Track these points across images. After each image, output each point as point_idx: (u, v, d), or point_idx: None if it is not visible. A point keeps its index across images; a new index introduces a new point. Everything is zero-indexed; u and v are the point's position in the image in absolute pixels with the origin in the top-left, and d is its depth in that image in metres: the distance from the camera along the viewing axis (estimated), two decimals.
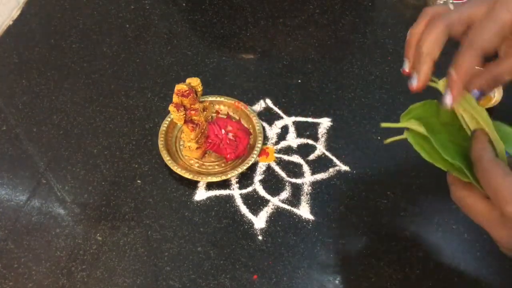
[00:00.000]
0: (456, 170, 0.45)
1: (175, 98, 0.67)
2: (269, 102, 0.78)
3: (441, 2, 0.81)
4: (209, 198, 0.68)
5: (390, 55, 0.83)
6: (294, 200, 0.68)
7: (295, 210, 0.67)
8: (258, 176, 0.70)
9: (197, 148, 0.70)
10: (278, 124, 0.75)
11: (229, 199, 0.68)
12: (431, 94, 0.50)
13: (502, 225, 0.40)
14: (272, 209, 0.67)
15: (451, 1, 0.75)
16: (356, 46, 0.85)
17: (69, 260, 0.63)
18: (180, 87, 0.67)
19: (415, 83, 0.47)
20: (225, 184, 0.69)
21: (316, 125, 0.75)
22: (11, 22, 0.89)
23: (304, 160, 0.71)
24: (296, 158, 0.72)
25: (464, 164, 0.44)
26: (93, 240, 0.64)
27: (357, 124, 0.75)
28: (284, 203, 0.67)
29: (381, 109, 0.76)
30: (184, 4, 0.92)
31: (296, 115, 0.76)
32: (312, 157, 0.72)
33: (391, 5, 0.91)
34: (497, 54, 0.46)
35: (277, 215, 0.66)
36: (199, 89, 0.68)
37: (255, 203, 0.67)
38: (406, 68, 0.49)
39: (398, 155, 0.70)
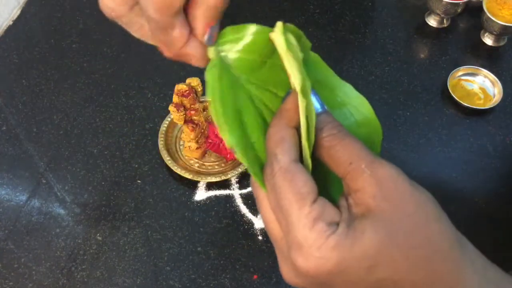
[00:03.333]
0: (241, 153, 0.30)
1: (175, 98, 0.67)
2: None
3: (444, 2, 0.81)
4: (209, 198, 0.68)
5: (390, 55, 0.83)
6: None
7: None
8: None
9: (197, 148, 0.70)
10: None
11: (229, 199, 0.68)
12: None
13: (291, 264, 0.30)
14: None
15: None
16: (356, 46, 0.85)
17: (69, 260, 0.63)
18: (180, 87, 0.67)
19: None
20: (225, 184, 0.69)
21: None
22: (11, 22, 0.89)
23: None
24: None
25: (253, 154, 0.31)
26: (93, 240, 0.64)
27: None
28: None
29: (381, 109, 0.76)
30: None
31: None
32: None
33: (391, 5, 0.91)
34: None
35: None
36: (199, 89, 0.68)
37: (255, 203, 0.67)
38: None
39: (398, 155, 0.70)
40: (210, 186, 0.69)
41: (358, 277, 0.28)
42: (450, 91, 0.76)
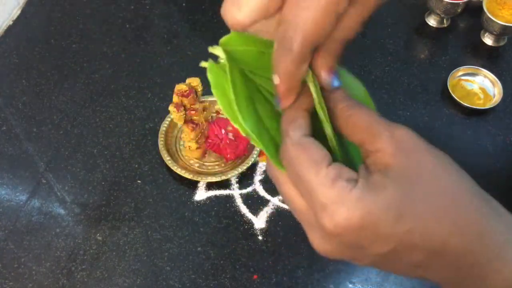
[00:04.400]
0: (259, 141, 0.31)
1: (175, 98, 0.67)
2: None
3: (444, 2, 0.81)
4: (209, 198, 0.68)
5: (390, 55, 0.83)
6: None
7: None
8: (258, 176, 0.70)
9: (197, 148, 0.70)
10: None
11: (229, 199, 0.68)
12: None
13: (319, 231, 0.30)
14: (272, 209, 0.67)
15: None
16: (356, 46, 0.85)
17: (69, 260, 0.63)
18: (180, 87, 0.67)
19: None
20: (225, 184, 0.69)
21: None
22: (11, 22, 0.89)
23: None
24: None
25: (268, 138, 0.31)
26: (93, 240, 0.64)
27: None
28: (284, 203, 0.67)
29: (381, 109, 0.75)
30: (184, 4, 0.92)
31: None
32: None
33: (391, 5, 0.91)
34: None
35: (277, 215, 0.66)
36: (199, 89, 0.68)
37: (255, 203, 0.67)
38: None
39: None
40: (210, 186, 0.69)
41: (387, 229, 0.27)
42: (450, 91, 0.76)
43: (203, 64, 0.34)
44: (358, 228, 0.27)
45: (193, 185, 0.69)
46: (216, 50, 0.33)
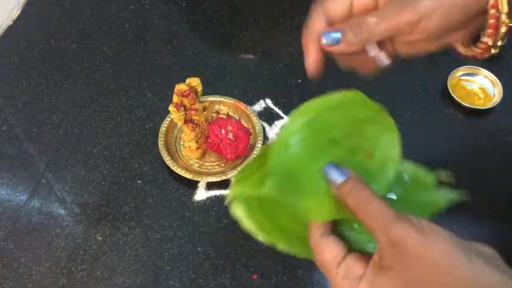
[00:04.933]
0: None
1: (175, 98, 0.67)
2: (269, 102, 0.78)
3: None
4: (209, 198, 0.68)
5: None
6: None
7: None
8: None
9: (197, 148, 0.70)
10: (278, 124, 0.75)
11: None
12: None
13: None
14: None
15: None
16: None
17: (69, 260, 0.63)
18: (180, 87, 0.67)
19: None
20: (225, 184, 0.69)
21: None
22: (11, 22, 0.89)
23: None
24: None
25: (297, 242, 0.40)
26: (93, 240, 0.64)
27: None
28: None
29: None
30: (184, 4, 0.92)
31: None
32: None
33: None
34: None
35: None
36: (199, 89, 0.68)
37: None
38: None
39: None
40: (210, 186, 0.69)
41: None
42: (450, 91, 0.76)
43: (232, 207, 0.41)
44: None
45: (193, 185, 0.69)
46: (236, 209, 0.40)
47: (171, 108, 0.66)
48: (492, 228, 0.65)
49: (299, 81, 0.80)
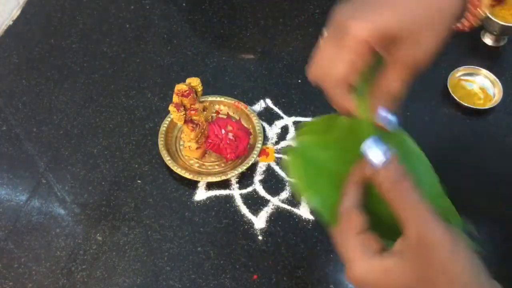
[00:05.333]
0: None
1: (175, 98, 0.67)
2: (269, 102, 0.78)
3: None
4: (209, 198, 0.68)
5: None
6: (294, 200, 0.68)
7: (295, 210, 0.67)
8: (258, 176, 0.70)
9: (197, 148, 0.70)
10: (278, 124, 0.75)
11: (229, 199, 0.68)
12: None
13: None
14: (272, 209, 0.67)
15: None
16: None
17: (69, 260, 0.63)
18: (180, 87, 0.67)
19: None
20: (225, 184, 0.69)
21: None
22: (11, 22, 0.89)
23: None
24: None
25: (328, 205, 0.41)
26: (93, 240, 0.64)
27: None
28: (284, 203, 0.67)
29: None
30: (184, 4, 0.92)
31: (296, 115, 0.76)
32: None
33: None
34: None
35: (277, 215, 0.66)
36: (199, 89, 0.68)
37: (255, 203, 0.67)
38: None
39: None
40: (210, 186, 0.69)
41: None
42: (450, 91, 0.76)
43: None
44: (372, 284, 0.36)
45: (193, 185, 0.69)
46: (290, 157, 0.43)
47: (171, 108, 0.66)
48: (492, 228, 0.65)
49: (299, 81, 0.80)
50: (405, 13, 0.37)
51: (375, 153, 0.37)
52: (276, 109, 0.77)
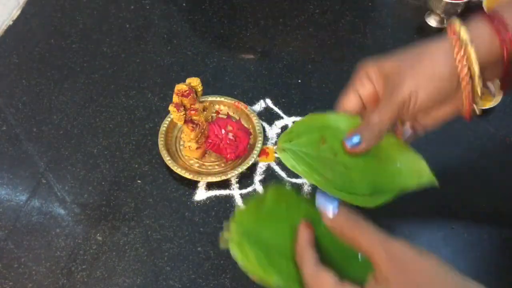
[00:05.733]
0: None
1: (175, 98, 0.67)
2: (269, 102, 0.78)
3: (444, 2, 0.81)
4: (209, 198, 0.68)
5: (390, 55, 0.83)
6: None
7: None
8: (258, 176, 0.70)
9: (197, 148, 0.70)
10: (278, 124, 0.75)
11: (229, 199, 0.68)
12: None
13: None
14: None
15: None
16: (356, 46, 0.85)
17: (69, 260, 0.63)
18: (180, 87, 0.67)
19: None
20: (225, 184, 0.69)
21: None
22: (11, 22, 0.89)
23: None
24: None
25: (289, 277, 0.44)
26: (93, 240, 0.64)
27: None
28: None
29: None
30: (184, 4, 0.92)
31: (296, 115, 0.76)
32: None
33: (391, 5, 0.91)
34: None
35: None
36: (199, 89, 0.68)
37: None
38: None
39: None
40: (210, 186, 0.69)
41: None
42: None
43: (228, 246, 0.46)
44: None
45: (193, 185, 0.69)
46: (233, 248, 0.45)
47: (171, 108, 0.66)
48: (492, 227, 0.65)
49: (299, 81, 0.80)
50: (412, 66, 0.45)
51: (325, 203, 0.42)
52: (276, 109, 0.77)
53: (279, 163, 0.71)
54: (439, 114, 0.49)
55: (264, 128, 0.74)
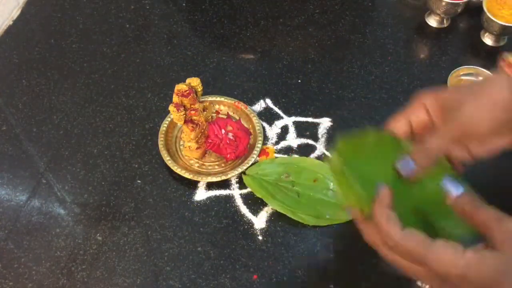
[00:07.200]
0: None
1: (175, 98, 0.67)
2: (269, 102, 0.78)
3: (444, 2, 0.81)
4: (209, 198, 0.68)
5: (390, 55, 0.83)
6: None
7: None
8: None
9: (197, 148, 0.70)
10: (278, 124, 0.75)
11: (229, 199, 0.68)
12: None
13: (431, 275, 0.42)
14: (272, 209, 0.67)
15: None
16: (356, 46, 0.85)
17: (69, 260, 0.63)
18: (180, 87, 0.67)
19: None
20: (225, 184, 0.69)
21: (316, 125, 0.75)
22: (11, 22, 0.89)
23: None
24: None
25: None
26: (93, 240, 0.64)
27: (357, 124, 0.75)
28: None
29: (381, 109, 0.76)
30: (184, 4, 0.92)
31: (296, 115, 0.76)
32: (312, 157, 0.72)
33: (391, 5, 0.91)
34: None
35: (277, 215, 0.66)
36: (199, 89, 0.68)
37: (255, 203, 0.67)
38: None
39: None
40: (210, 186, 0.69)
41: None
42: None
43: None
44: (459, 276, 0.39)
45: (193, 185, 0.69)
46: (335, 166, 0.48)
47: (171, 108, 0.66)
48: None
49: (299, 81, 0.80)
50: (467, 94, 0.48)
51: (452, 186, 0.46)
52: (276, 109, 0.77)
53: None
54: (494, 144, 0.50)
55: (264, 128, 0.74)
